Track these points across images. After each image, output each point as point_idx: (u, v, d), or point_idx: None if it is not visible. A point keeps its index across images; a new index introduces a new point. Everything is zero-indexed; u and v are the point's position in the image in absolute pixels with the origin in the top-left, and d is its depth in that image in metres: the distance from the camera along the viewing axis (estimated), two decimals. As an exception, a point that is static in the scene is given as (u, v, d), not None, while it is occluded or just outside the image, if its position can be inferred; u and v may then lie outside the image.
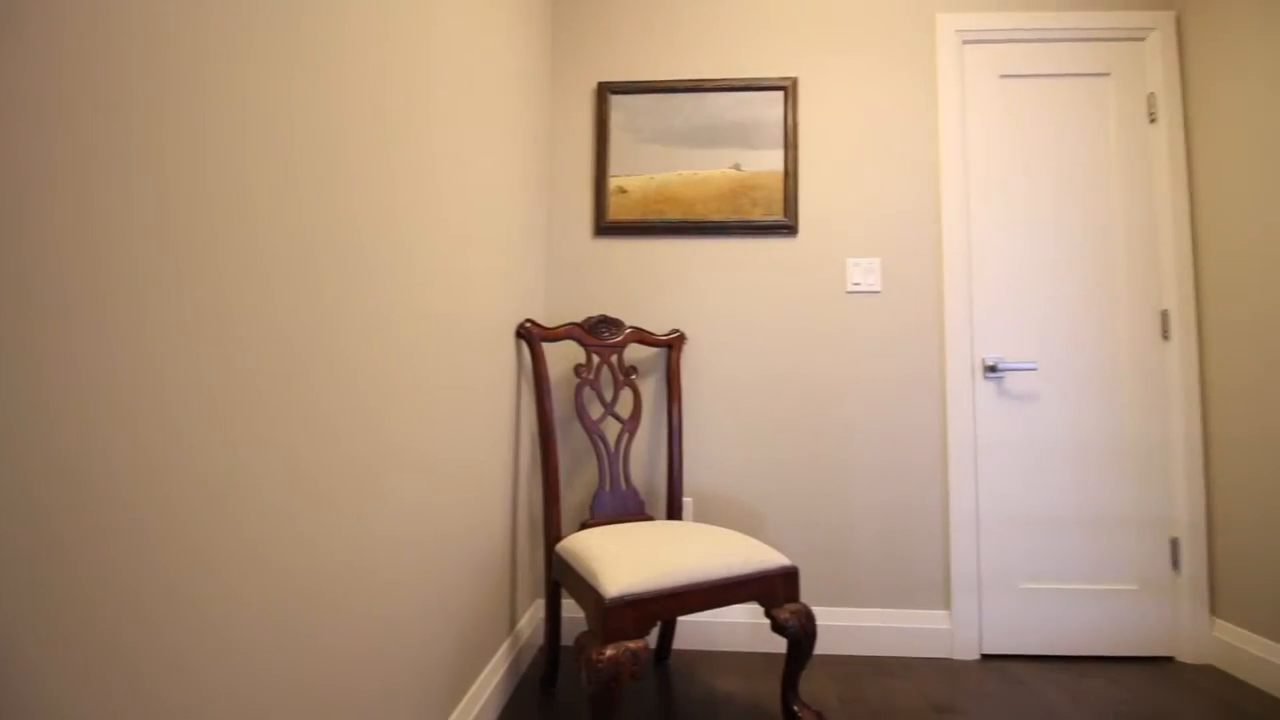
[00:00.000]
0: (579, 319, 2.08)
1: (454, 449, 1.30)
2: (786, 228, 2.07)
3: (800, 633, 1.41)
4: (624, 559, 1.34)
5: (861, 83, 2.12)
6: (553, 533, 1.66)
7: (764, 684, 1.75)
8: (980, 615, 1.96)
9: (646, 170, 2.13)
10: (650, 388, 2.04)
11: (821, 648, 1.96)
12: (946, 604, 1.96)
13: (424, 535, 1.15)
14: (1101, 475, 1.99)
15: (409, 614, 1.09)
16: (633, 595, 1.26)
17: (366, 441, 0.94)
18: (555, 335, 1.80)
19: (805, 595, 1.99)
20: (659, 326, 2.07)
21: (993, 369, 1.98)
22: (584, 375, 1.81)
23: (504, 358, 1.67)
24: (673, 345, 1.96)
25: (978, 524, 1.98)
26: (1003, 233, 2.07)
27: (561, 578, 1.52)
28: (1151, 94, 2.10)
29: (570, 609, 2.00)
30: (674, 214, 2.11)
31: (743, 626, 1.97)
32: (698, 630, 1.97)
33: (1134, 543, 1.97)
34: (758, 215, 2.09)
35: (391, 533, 1.02)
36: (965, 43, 2.13)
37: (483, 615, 1.49)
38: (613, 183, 2.13)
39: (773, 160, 2.10)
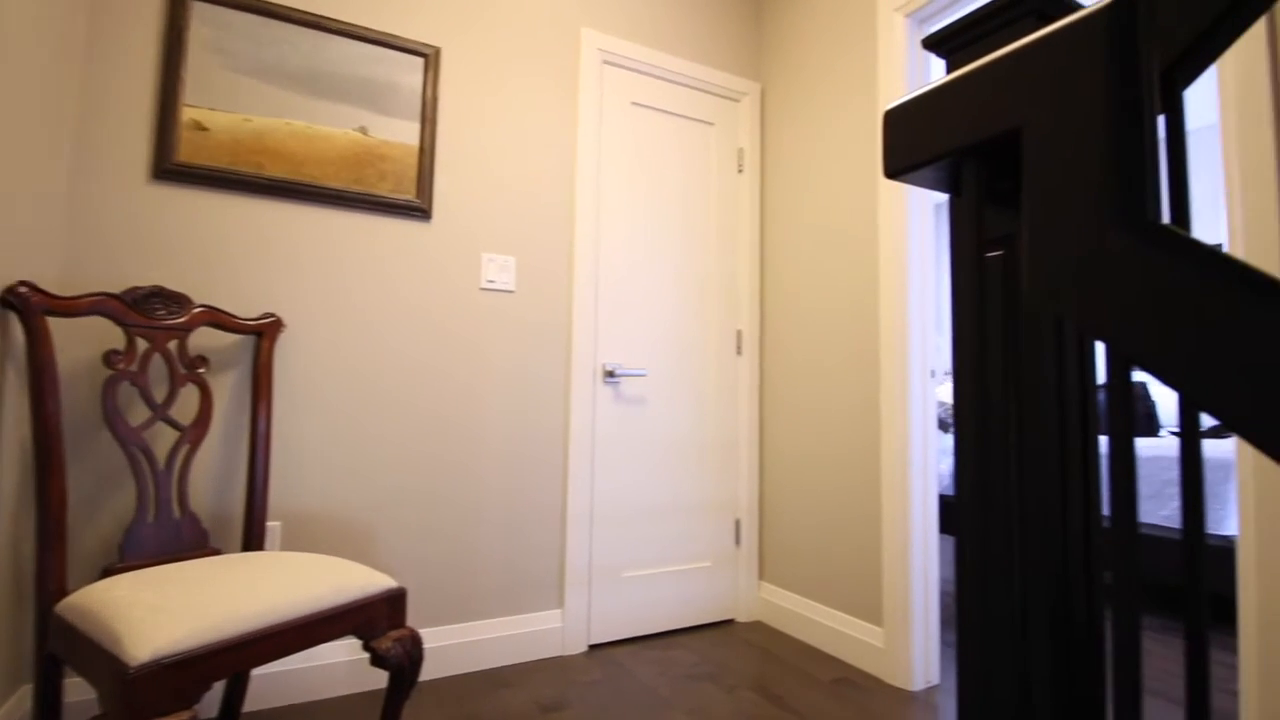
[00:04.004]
0: (118, 289, 1.65)
1: None
2: (419, 210, 2.01)
3: (403, 661, 1.36)
4: (164, 610, 1.09)
5: (510, 75, 2.19)
6: (52, 587, 1.26)
7: (363, 727, 1.65)
8: (589, 608, 2.21)
9: (242, 109, 1.81)
10: (227, 385, 1.74)
11: (439, 670, 1.95)
12: (560, 602, 2.16)
13: None
14: (691, 469, 2.46)
15: None
16: (174, 655, 1.04)
17: None
18: (74, 308, 1.39)
19: (425, 615, 1.95)
20: (246, 308, 1.78)
21: (611, 374, 2.26)
22: (121, 366, 1.44)
23: (-31, 335, 1.20)
24: (264, 332, 1.70)
25: (592, 520, 2.24)
26: (625, 248, 2.38)
27: (64, 648, 1.17)
28: (741, 148, 2.69)
29: (81, 690, 1.55)
30: (277, 170, 1.84)
31: (341, 666, 1.82)
32: (281, 681, 1.75)
33: (710, 525, 2.49)
34: (386, 191, 1.97)
35: None
36: (605, 63, 2.39)
37: (-103, 730, 1.04)
38: (187, 114, 1.75)
39: (407, 132, 2.02)
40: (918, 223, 2.07)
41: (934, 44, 0.65)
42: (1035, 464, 0.53)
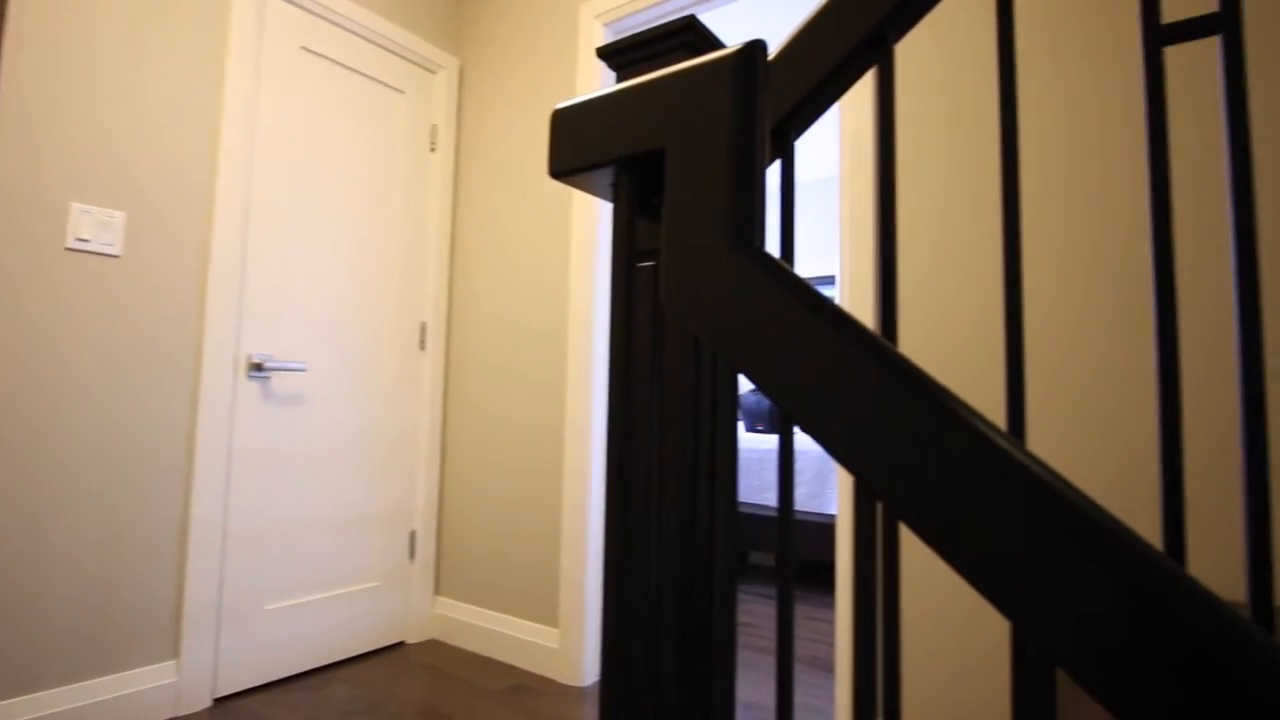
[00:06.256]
0: None
1: None
2: (-37, 130, 1.52)
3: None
4: None
5: (123, -28, 1.79)
6: None
7: None
8: (217, 653, 1.91)
9: None
10: None
11: (-35, 770, 1.49)
12: (175, 651, 1.83)
13: None
14: (360, 477, 2.30)
15: None
16: None
17: None
18: None
19: (-59, 698, 1.47)
20: None
21: (259, 367, 2.00)
22: None
23: None
24: None
25: (225, 544, 1.94)
26: (286, 218, 2.13)
27: None
28: (435, 125, 2.61)
29: None
30: None
31: None
32: None
33: (381, 540, 2.36)
34: (-99, 93, 1.46)
35: None
36: (267, -9, 2.11)
37: None
38: None
39: (-54, 17, 1.52)
40: (608, 222, 2.24)
41: (605, 55, 0.71)
42: (673, 460, 0.60)
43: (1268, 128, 1.27)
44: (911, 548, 1.56)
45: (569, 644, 2.11)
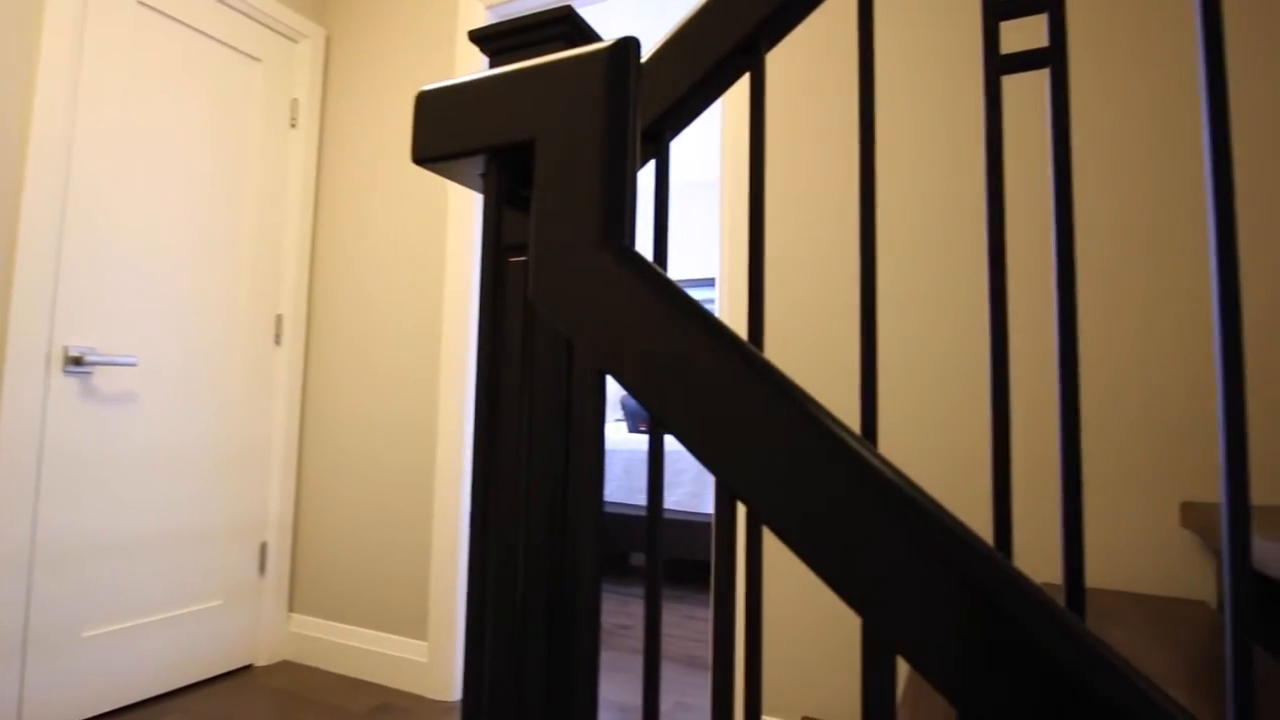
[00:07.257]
0: None
1: None
2: None
3: None
4: None
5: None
6: None
7: None
8: (23, 689, 1.70)
9: None
10: None
11: None
12: (-34, 691, 1.61)
13: None
14: (202, 485, 2.12)
15: None
16: None
17: None
18: None
19: None
20: None
21: (79, 361, 1.79)
22: None
23: None
24: None
25: (32, 565, 1.72)
26: (114, 194, 1.92)
27: None
28: (296, 99, 2.45)
29: None
30: None
31: None
32: None
33: (226, 553, 2.18)
34: None
35: None
36: (95, -67, 1.90)
37: None
38: None
39: None
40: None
41: (478, 40, 0.70)
42: (541, 461, 0.60)
43: (1104, 144, 1.45)
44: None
45: (440, 657, 2.05)
